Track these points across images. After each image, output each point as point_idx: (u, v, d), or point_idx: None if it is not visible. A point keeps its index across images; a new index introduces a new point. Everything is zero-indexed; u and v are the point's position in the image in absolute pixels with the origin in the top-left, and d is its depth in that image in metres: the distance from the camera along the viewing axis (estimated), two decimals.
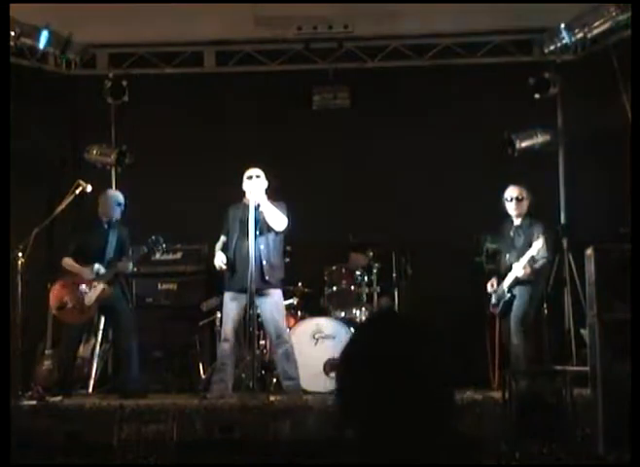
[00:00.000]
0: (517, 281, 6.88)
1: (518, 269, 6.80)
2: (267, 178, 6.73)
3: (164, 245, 7.20)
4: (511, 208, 7.02)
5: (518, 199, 6.98)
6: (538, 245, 6.67)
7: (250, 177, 6.70)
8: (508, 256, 7.02)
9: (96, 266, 6.93)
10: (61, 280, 7.03)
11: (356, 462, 1.63)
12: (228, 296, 6.73)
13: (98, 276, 6.92)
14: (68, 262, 7.03)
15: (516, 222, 7.07)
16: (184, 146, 8.35)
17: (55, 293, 6.99)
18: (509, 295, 6.92)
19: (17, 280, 6.42)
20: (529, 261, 6.74)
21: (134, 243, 7.26)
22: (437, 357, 1.73)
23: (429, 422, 1.64)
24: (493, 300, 7.11)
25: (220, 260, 6.67)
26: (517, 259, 6.86)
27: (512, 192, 7.02)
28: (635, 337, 4.35)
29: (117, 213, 7.23)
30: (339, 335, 7.09)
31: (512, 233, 7.07)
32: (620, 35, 7.42)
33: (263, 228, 6.65)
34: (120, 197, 7.32)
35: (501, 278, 7.02)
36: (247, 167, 6.79)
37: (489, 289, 7.14)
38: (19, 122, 7.07)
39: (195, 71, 8.60)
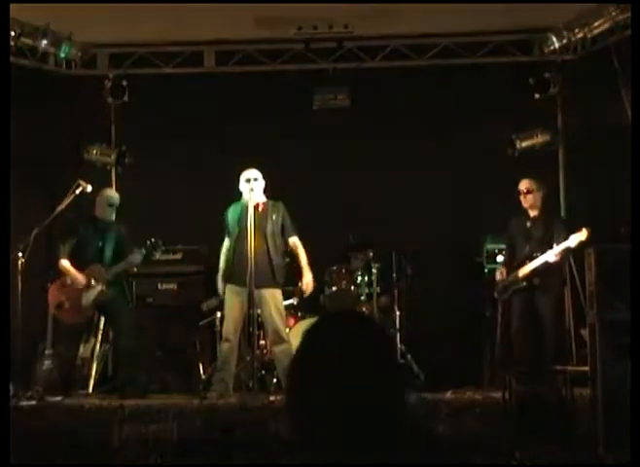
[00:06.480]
0: (536, 272, 6.79)
1: (550, 255, 6.71)
2: (265, 178, 6.76)
3: (163, 248, 7.20)
4: (522, 201, 7.05)
5: (527, 192, 7.01)
6: (580, 237, 6.50)
7: (248, 180, 6.72)
8: (527, 247, 6.95)
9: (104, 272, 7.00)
10: (59, 280, 7.07)
11: (357, 462, 1.63)
12: (229, 289, 6.73)
13: (97, 279, 6.95)
14: (64, 265, 7.04)
15: (533, 214, 7.06)
16: (184, 146, 8.35)
17: (53, 293, 7.04)
18: (524, 283, 6.88)
19: (17, 280, 6.42)
20: (565, 249, 6.65)
21: (134, 244, 7.25)
22: (386, 356, 1.73)
23: (379, 421, 1.64)
24: (500, 288, 7.09)
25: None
26: (540, 248, 6.82)
27: (520, 185, 7.07)
28: (635, 337, 4.36)
29: (111, 214, 7.22)
30: None
31: (528, 225, 7.05)
32: (620, 35, 7.41)
33: (265, 229, 6.66)
34: (115, 197, 7.31)
35: (514, 269, 6.96)
36: (245, 168, 6.80)
37: (497, 277, 7.14)
38: (19, 122, 7.07)
39: (195, 71, 8.59)
